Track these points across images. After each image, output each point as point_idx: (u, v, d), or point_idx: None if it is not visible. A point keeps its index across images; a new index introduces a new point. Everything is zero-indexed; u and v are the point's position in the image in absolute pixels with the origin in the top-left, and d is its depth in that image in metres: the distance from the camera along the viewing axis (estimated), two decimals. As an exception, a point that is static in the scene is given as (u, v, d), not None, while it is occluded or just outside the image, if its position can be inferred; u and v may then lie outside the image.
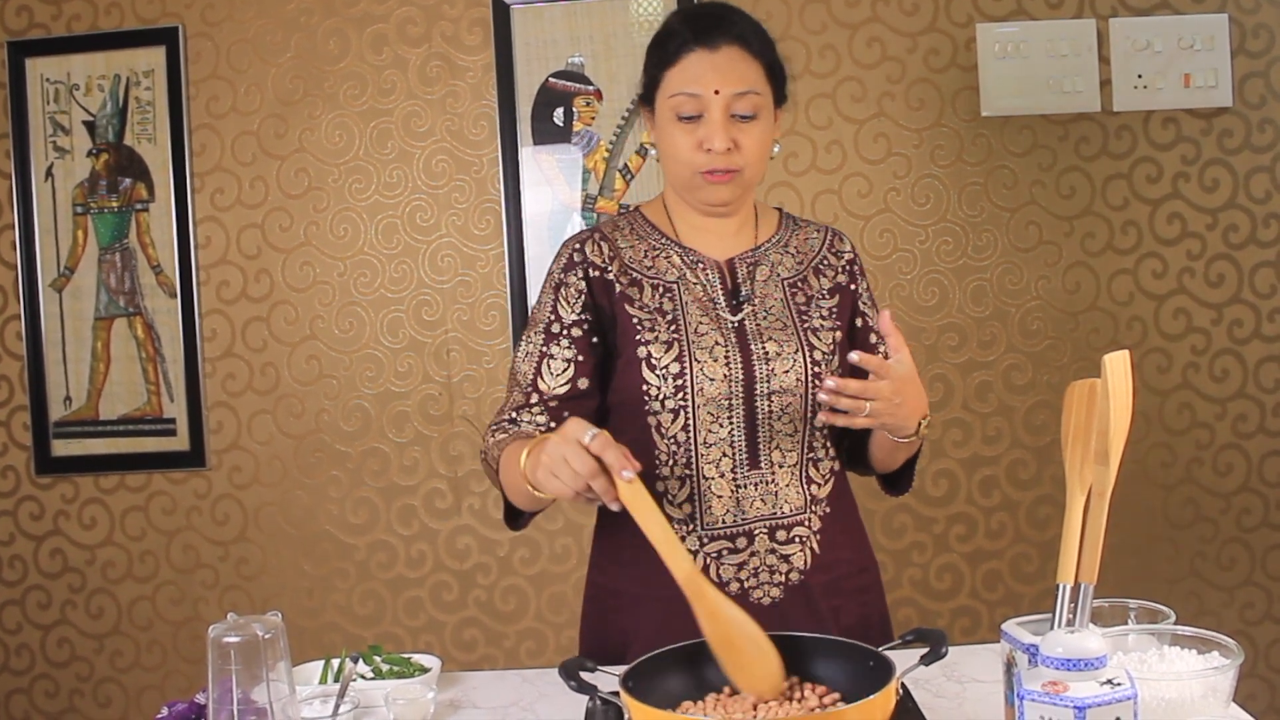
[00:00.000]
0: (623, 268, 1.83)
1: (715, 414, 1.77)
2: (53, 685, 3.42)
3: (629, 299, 1.81)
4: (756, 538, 1.78)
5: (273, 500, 3.34)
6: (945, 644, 1.43)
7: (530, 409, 1.80)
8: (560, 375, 1.80)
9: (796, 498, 1.80)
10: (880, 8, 3.20)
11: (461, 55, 3.26)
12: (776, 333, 1.80)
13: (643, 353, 1.78)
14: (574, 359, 1.80)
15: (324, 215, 3.31)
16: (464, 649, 3.33)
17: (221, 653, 1.40)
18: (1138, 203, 3.20)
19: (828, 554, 1.82)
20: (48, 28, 3.33)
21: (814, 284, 1.88)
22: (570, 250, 1.86)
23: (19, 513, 3.40)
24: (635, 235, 1.88)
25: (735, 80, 1.75)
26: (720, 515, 1.78)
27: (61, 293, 3.35)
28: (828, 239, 1.94)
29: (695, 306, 1.80)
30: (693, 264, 1.84)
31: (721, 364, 1.77)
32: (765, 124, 1.79)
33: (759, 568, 1.78)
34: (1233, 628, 3.19)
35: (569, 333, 1.81)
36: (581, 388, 1.81)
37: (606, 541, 1.89)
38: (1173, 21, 3.15)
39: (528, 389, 1.81)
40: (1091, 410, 1.37)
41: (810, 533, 1.81)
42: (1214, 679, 1.33)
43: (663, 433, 1.78)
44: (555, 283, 1.85)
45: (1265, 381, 3.22)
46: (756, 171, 1.82)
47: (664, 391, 1.76)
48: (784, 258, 1.89)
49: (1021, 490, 3.25)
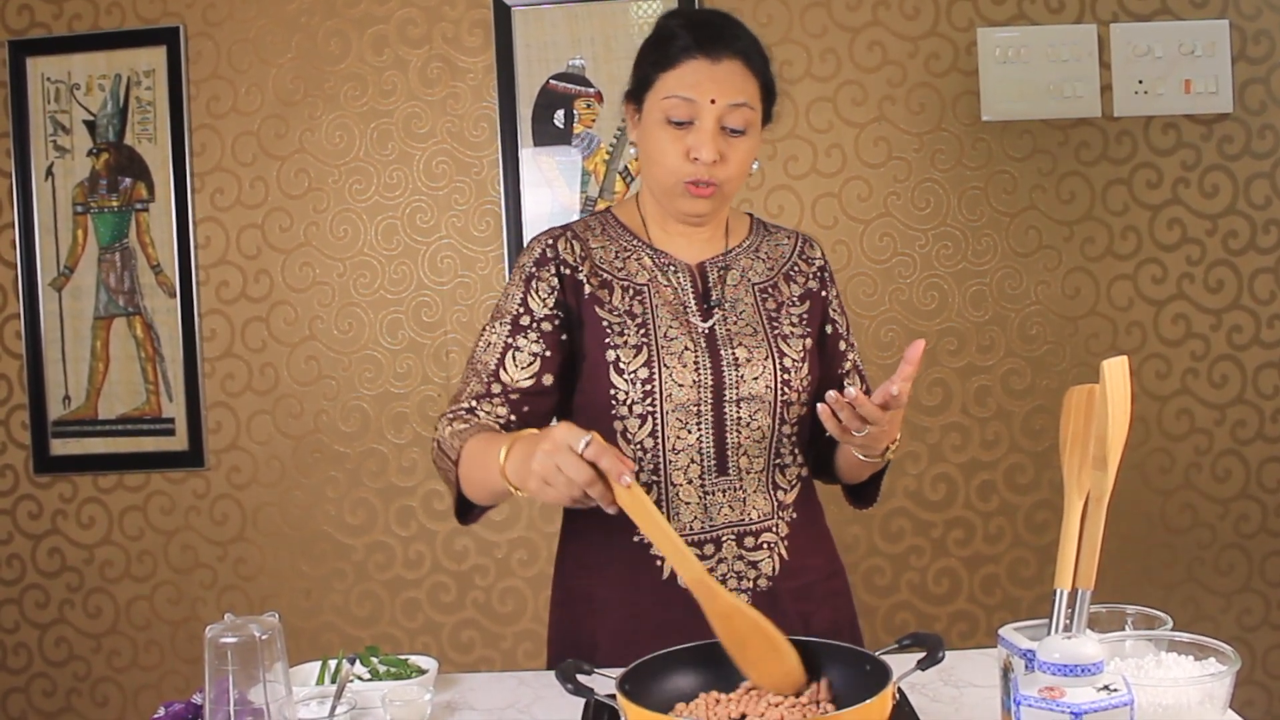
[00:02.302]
0: (593, 269, 1.82)
1: (684, 420, 1.76)
2: (50, 684, 3.42)
3: (599, 301, 1.79)
4: (724, 544, 1.78)
5: (271, 500, 3.34)
6: (942, 648, 1.43)
7: (491, 399, 1.77)
8: (526, 368, 1.77)
9: (764, 504, 1.80)
10: (881, 12, 3.20)
11: (462, 57, 3.26)
12: (747, 339, 1.80)
13: (611, 356, 1.76)
14: (541, 354, 1.78)
15: (324, 216, 3.31)
16: (461, 650, 3.33)
17: (218, 653, 1.40)
18: (1138, 208, 3.20)
19: (796, 560, 1.82)
20: (49, 27, 3.33)
21: (785, 290, 1.88)
22: (543, 245, 1.84)
23: (17, 511, 3.40)
24: (606, 236, 1.87)
25: (732, 92, 1.74)
26: (688, 522, 1.77)
27: (61, 292, 3.35)
28: (798, 245, 1.94)
29: (665, 310, 1.79)
30: (664, 266, 1.84)
31: (691, 370, 1.76)
32: (752, 140, 1.79)
33: (727, 574, 1.78)
34: (1230, 633, 3.19)
35: (539, 326, 1.79)
36: (546, 384, 1.78)
37: (573, 545, 1.88)
38: (1173, 27, 3.15)
39: (488, 379, 1.78)
40: (1090, 416, 1.37)
41: (778, 539, 1.81)
42: (1210, 685, 1.33)
43: (629, 438, 1.76)
44: (526, 275, 1.82)
45: (1264, 387, 3.22)
46: (735, 187, 1.82)
47: (632, 396, 1.75)
48: (755, 263, 1.88)
49: (1020, 495, 3.25)
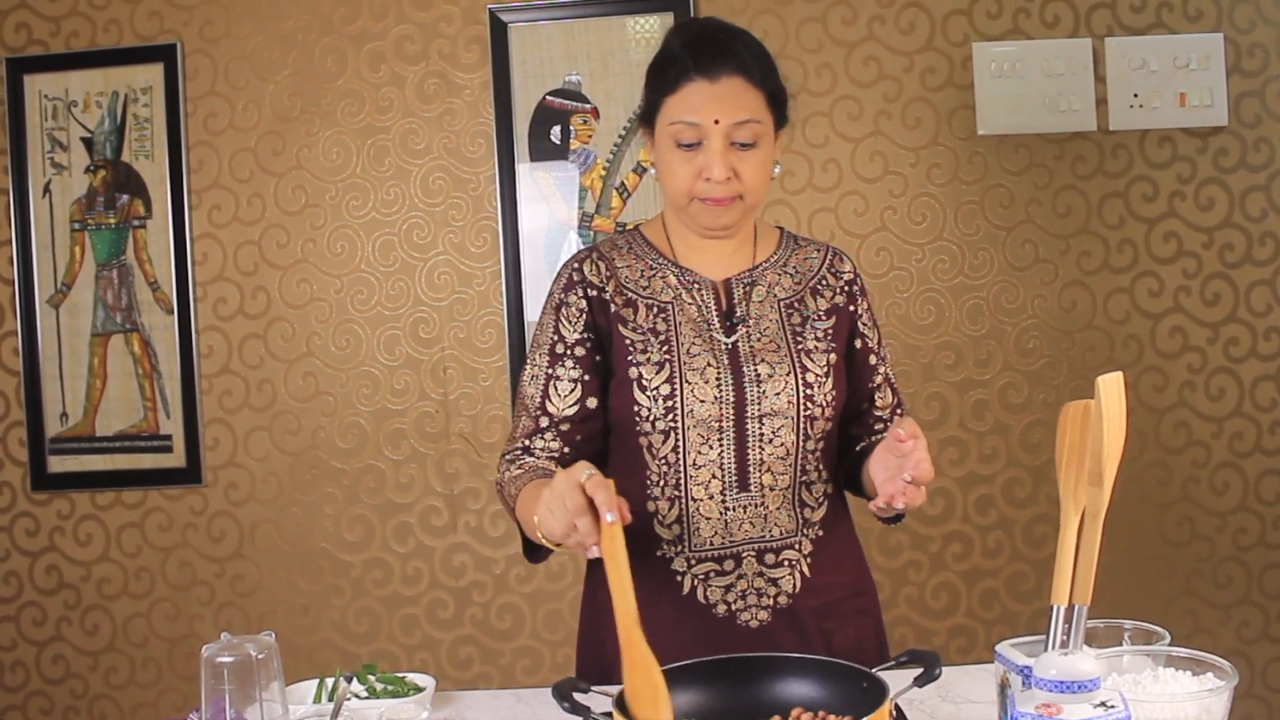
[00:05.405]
0: (619, 287, 1.83)
1: (705, 435, 1.76)
2: (47, 702, 3.41)
3: (623, 319, 1.81)
4: (744, 560, 1.78)
5: (268, 517, 3.34)
6: (939, 665, 1.43)
7: (542, 434, 1.81)
8: (568, 396, 1.81)
9: (788, 521, 1.80)
10: (877, 27, 3.21)
11: (459, 73, 3.27)
12: (769, 355, 1.80)
13: (634, 373, 1.77)
14: (580, 379, 1.81)
15: (321, 232, 3.31)
16: (460, 667, 3.32)
17: (214, 672, 1.40)
18: (1134, 221, 3.21)
19: (819, 577, 1.81)
20: (46, 44, 3.33)
21: (810, 305, 1.87)
22: (570, 270, 1.86)
23: (14, 529, 3.39)
24: (633, 255, 1.88)
25: (735, 110, 1.73)
26: (708, 537, 1.78)
27: (58, 309, 3.35)
28: (827, 259, 1.92)
29: (688, 327, 1.80)
30: (689, 284, 1.84)
31: (713, 386, 1.76)
32: (765, 150, 1.78)
33: (746, 590, 1.78)
34: (1229, 647, 3.19)
35: (573, 352, 1.81)
36: (591, 407, 1.81)
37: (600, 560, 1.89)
38: (1168, 41, 3.16)
39: (536, 413, 1.82)
40: (1085, 431, 1.37)
41: (800, 556, 1.80)
42: (1208, 701, 1.33)
43: (654, 453, 1.78)
44: (556, 303, 1.85)
45: (1261, 400, 3.22)
46: (757, 196, 1.80)
47: (654, 413, 1.76)
48: (782, 277, 1.88)
49: (1018, 509, 3.25)
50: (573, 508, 1.45)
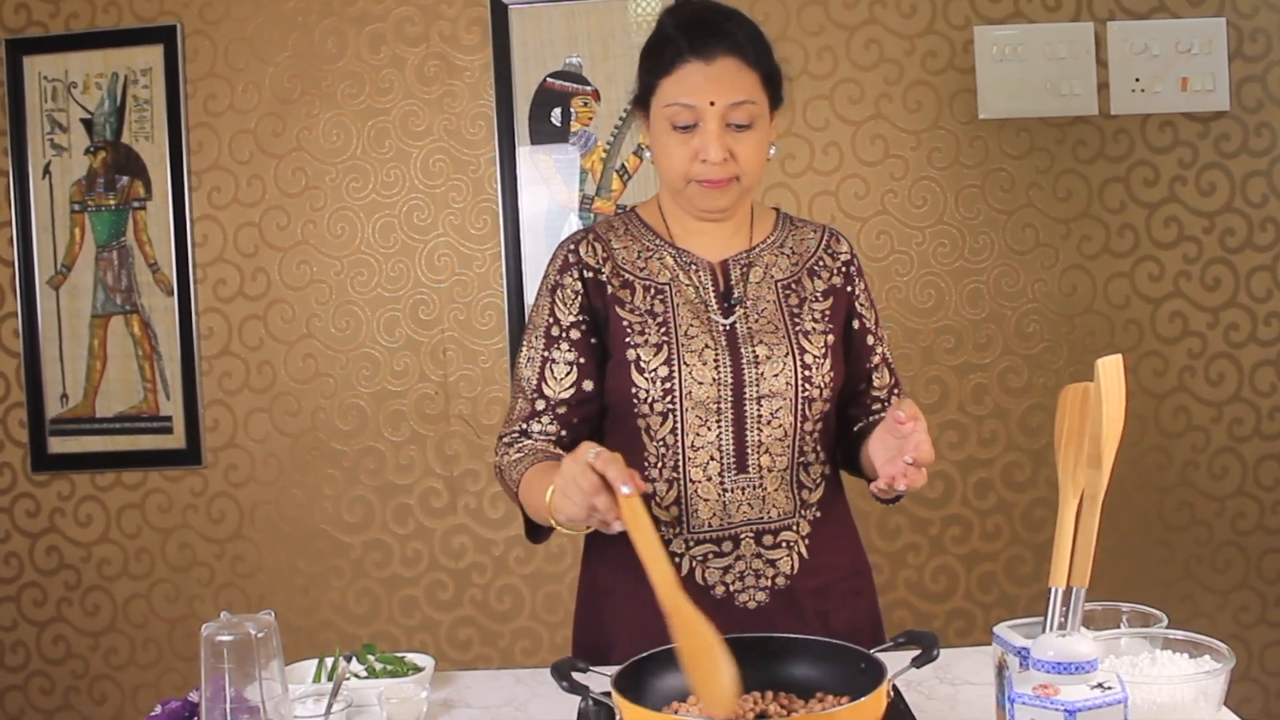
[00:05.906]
0: (615, 269, 1.83)
1: (703, 417, 1.76)
2: (48, 682, 3.42)
3: (620, 301, 1.80)
4: (743, 542, 1.79)
5: (268, 498, 3.34)
6: (936, 646, 1.43)
7: (539, 418, 1.81)
8: (565, 379, 1.80)
9: (785, 502, 1.80)
10: (878, 10, 3.20)
11: (459, 55, 3.26)
12: (767, 336, 1.79)
13: (631, 355, 1.77)
14: (575, 361, 1.81)
15: (321, 214, 3.31)
16: (459, 648, 3.33)
17: (214, 651, 1.40)
18: (1134, 206, 3.20)
19: (816, 559, 1.82)
20: (46, 25, 3.33)
21: (808, 286, 1.86)
22: (565, 252, 1.85)
23: (15, 510, 3.40)
24: (630, 236, 1.87)
25: (731, 91, 1.72)
26: (706, 519, 1.78)
27: (58, 290, 3.35)
28: (824, 240, 1.92)
29: (686, 309, 1.80)
30: (686, 265, 1.84)
31: (710, 367, 1.76)
32: (761, 131, 1.77)
33: (745, 572, 1.78)
34: (1227, 631, 3.20)
35: (568, 335, 1.81)
36: (587, 390, 1.81)
37: (598, 539, 1.89)
38: (1170, 25, 3.15)
39: (532, 396, 1.81)
40: (1085, 414, 1.37)
41: (798, 537, 1.81)
42: (1205, 683, 1.34)
43: (652, 435, 1.78)
44: (551, 285, 1.84)
45: (1261, 385, 3.22)
46: (754, 177, 1.80)
47: (652, 394, 1.76)
48: (779, 259, 1.87)
49: (1017, 492, 3.25)
50: (587, 488, 1.45)
